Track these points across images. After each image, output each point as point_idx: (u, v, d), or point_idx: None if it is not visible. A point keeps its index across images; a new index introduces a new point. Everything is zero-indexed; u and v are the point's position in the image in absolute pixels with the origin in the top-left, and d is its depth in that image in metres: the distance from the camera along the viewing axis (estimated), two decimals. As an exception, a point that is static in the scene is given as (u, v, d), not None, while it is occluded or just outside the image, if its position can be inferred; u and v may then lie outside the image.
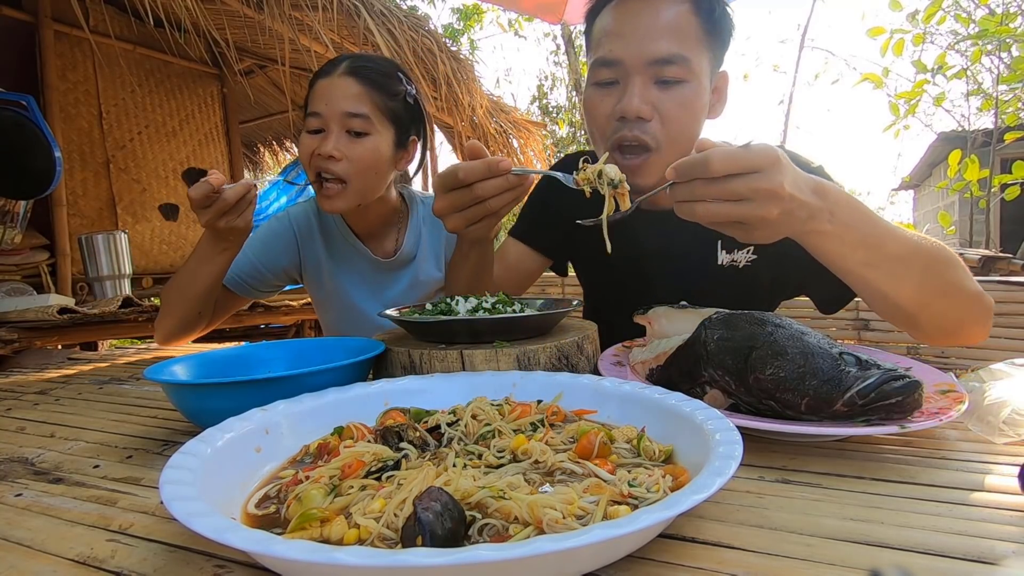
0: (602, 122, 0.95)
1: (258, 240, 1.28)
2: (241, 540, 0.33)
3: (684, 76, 0.90)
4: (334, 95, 1.12)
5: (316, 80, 1.16)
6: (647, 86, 0.90)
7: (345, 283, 1.33)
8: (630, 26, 0.90)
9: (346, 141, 1.12)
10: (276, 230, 1.30)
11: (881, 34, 4.47)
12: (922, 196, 15.35)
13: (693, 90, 0.91)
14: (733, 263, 1.03)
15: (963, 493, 0.48)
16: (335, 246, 1.32)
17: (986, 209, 4.90)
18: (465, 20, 9.67)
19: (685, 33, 0.89)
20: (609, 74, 0.92)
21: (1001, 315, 1.45)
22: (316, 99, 1.13)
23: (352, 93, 1.12)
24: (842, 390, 0.55)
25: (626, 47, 0.89)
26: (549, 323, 0.85)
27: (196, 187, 0.93)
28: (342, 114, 1.11)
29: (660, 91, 0.90)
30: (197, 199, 0.94)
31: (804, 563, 0.39)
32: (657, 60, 0.88)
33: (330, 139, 1.11)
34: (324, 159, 1.10)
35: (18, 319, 1.77)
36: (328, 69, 1.15)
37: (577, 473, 0.47)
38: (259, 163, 5.89)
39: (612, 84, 0.93)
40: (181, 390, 0.70)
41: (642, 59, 0.89)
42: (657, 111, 0.90)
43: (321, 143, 1.11)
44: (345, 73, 1.13)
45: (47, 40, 3.04)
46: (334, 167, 1.11)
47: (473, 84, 3.70)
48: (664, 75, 0.89)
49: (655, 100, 0.90)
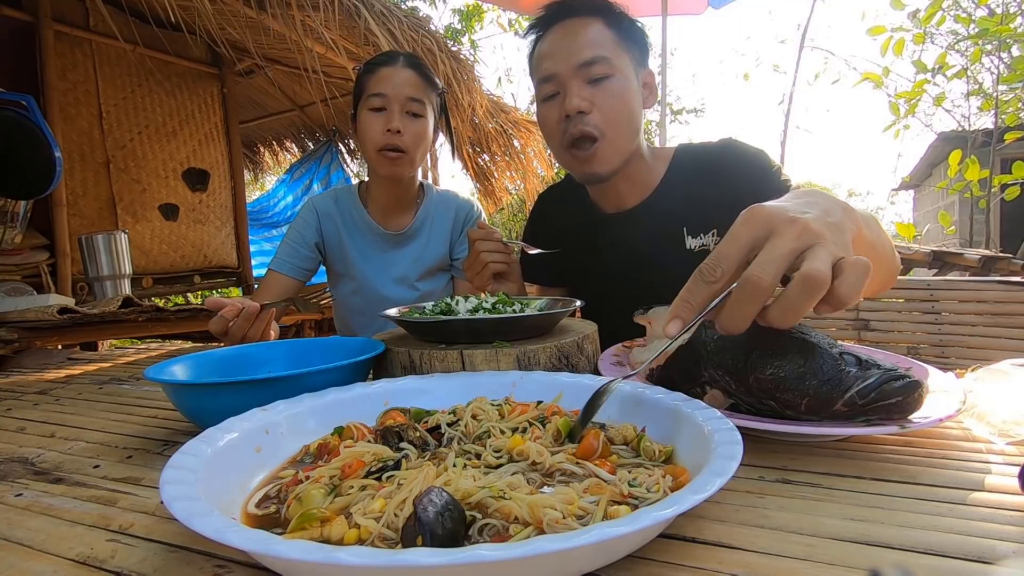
0: (552, 128, 1.12)
1: (294, 229, 1.50)
2: (241, 540, 0.33)
3: (609, 71, 1.07)
4: (398, 81, 1.34)
5: (377, 67, 1.37)
6: (581, 87, 1.07)
7: (357, 255, 1.51)
8: (557, 47, 1.09)
9: (407, 120, 1.35)
10: (304, 215, 1.51)
11: (882, 33, 4.47)
12: (922, 196, 15.35)
13: (620, 83, 1.08)
14: (704, 247, 1.14)
15: (963, 493, 0.48)
16: (351, 223, 1.51)
17: (986, 209, 4.91)
18: (467, 21, 9.66)
19: (602, 40, 1.08)
20: (550, 88, 1.10)
21: (1001, 315, 1.45)
22: (380, 83, 1.34)
23: (412, 81, 1.36)
24: (842, 390, 0.55)
25: (557, 62, 1.08)
26: (549, 323, 0.85)
27: (213, 322, 1.05)
28: (406, 98, 1.34)
29: (593, 88, 1.07)
30: (215, 332, 1.06)
31: (804, 563, 0.39)
32: (583, 63, 1.06)
33: (395, 117, 1.33)
34: (394, 134, 1.33)
35: (18, 319, 1.76)
36: (389, 60, 1.38)
37: (577, 474, 0.47)
38: (259, 163, 5.89)
39: (555, 96, 1.10)
40: (181, 390, 0.70)
41: (572, 66, 1.07)
42: (594, 104, 1.07)
43: (389, 120, 1.33)
44: (405, 65, 1.37)
45: (47, 40, 3.04)
46: (399, 140, 1.34)
47: (473, 84, 3.69)
48: (592, 74, 1.06)
49: (590, 96, 1.07)
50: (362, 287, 1.53)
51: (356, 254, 1.51)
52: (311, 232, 1.49)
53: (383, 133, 1.33)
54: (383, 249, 1.52)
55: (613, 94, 1.07)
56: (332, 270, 1.58)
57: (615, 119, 1.08)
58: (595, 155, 1.09)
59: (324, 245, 1.52)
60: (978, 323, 1.48)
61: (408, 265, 1.53)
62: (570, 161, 1.13)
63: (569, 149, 1.10)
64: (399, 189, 1.47)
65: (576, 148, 1.09)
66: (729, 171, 1.12)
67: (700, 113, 14.81)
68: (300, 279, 1.49)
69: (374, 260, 1.52)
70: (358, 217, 1.50)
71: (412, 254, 1.54)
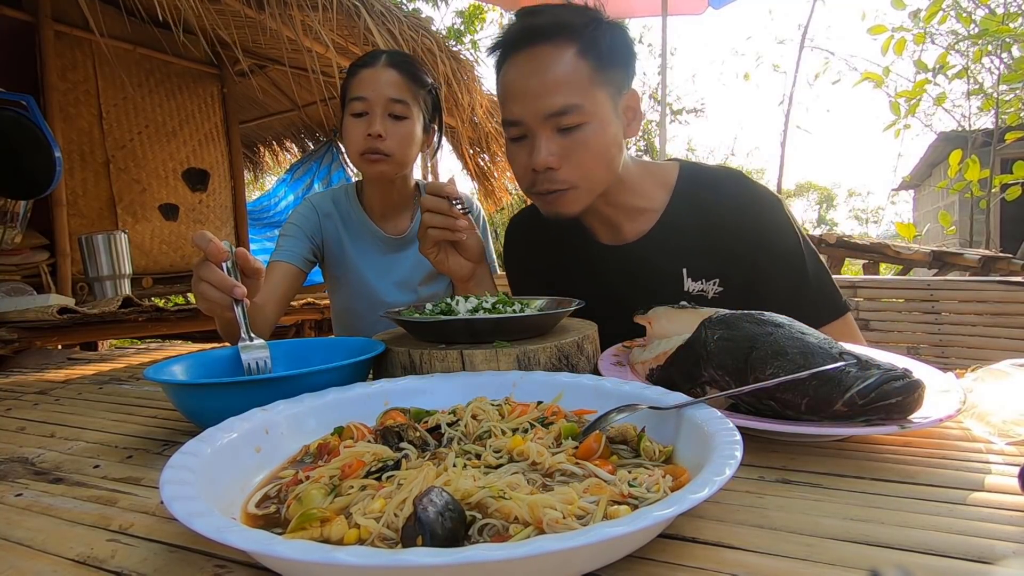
0: (521, 175, 1.02)
1: (292, 224, 1.46)
2: (241, 540, 0.34)
3: (581, 120, 0.94)
4: (379, 83, 1.29)
5: (359, 69, 1.32)
6: (551, 138, 0.95)
7: (357, 258, 1.48)
8: (522, 86, 0.95)
9: (390, 123, 1.30)
10: (303, 212, 1.47)
11: (882, 32, 4.47)
12: (922, 196, 15.35)
13: (594, 129, 0.95)
14: (702, 292, 1.06)
15: (963, 493, 0.48)
16: (351, 224, 1.48)
17: (986, 209, 4.91)
18: (468, 23, 9.67)
19: (575, 81, 0.93)
20: (516, 131, 0.99)
21: (1001, 315, 1.45)
22: (360, 85, 1.30)
23: (394, 82, 1.30)
24: (842, 390, 0.55)
25: (523, 107, 0.95)
26: (549, 323, 0.85)
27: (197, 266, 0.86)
28: (386, 100, 1.29)
29: (563, 138, 0.95)
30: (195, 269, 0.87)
31: (804, 563, 0.39)
32: (552, 113, 0.93)
33: (376, 121, 1.28)
34: (374, 139, 1.28)
35: (18, 319, 1.76)
36: (370, 60, 1.32)
37: (577, 474, 0.47)
38: (259, 163, 5.89)
39: (522, 139, 0.99)
40: (181, 390, 0.70)
41: (539, 116, 0.94)
42: (563, 158, 0.96)
43: (370, 125, 1.28)
44: (387, 64, 1.31)
45: (47, 40, 3.04)
46: (381, 145, 1.29)
47: (473, 84, 3.69)
48: (562, 124, 0.94)
49: (559, 149, 0.95)
50: (362, 292, 1.49)
51: (356, 256, 1.48)
52: (311, 227, 1.46)
53: (364, 138, 1.29)
54: (383, 252, 1.49)
55: (586, 144, 0.95)
56: (330, 274, 1.54)
57: (587, 170, 0.97)
58: (564, 200, 1.00)
59: (324, 246, 1.48)
60: (978, 323, 1.48)
61: (409, 269, 1.49)
62: (536, 200, 1.04)
63: (535, 194, 1.02)
64: (391, 191, 1.44)
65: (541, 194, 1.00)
66: (739, 214, 1.03)
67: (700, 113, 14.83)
68: (303, 268, 1.44)
69: (374, 263, 1.49)
70: (357, 219, 1.48)
71: (413, 258, 1.50)
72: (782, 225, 1.04)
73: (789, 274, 1.02)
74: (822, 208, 28.61)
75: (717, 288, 1.05)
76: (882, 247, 3.58)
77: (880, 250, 3.57)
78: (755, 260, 1.02)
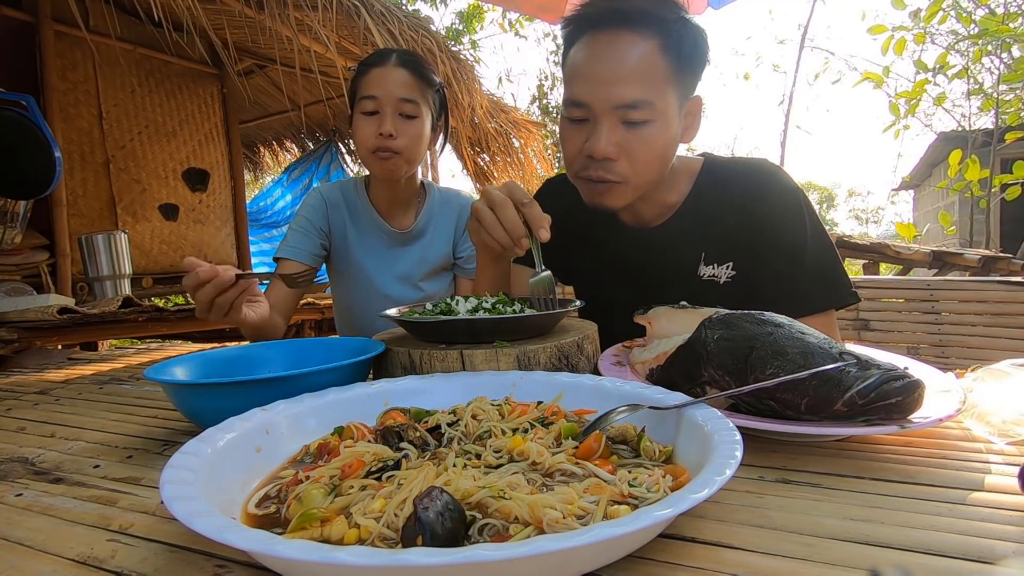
0: (572, 156, 1.00)
1: (301, 216, 1.46)
2: (241, 540, 0.33)
3: (650, 117, 0.93)
4: (389, 82, 1.30)
5: (369, 68, 1.33)
6: (614, 128, 0.93)
7: (361, 249, 1.49)
8: (598, 69, 0.93)
9: (400, 122, 1.32)
10: (310, 203, 1.48)
11: (883, 32, 4.47)
12: (922, 196, 15.35)
13: (659, 128, 0.94)
14: (714, 278, 1.07)
15: (963, 493, 0.48)
16: (358, 217, 1.49)
17: (986, 209, 4.91)
18: (467, 23, 9.67)
19: (651, 76, 0.91)
20: (579, 113, 0.96)
21: (1001, 315, 1.45)
22: (371, 84, 1.31)
23: (405, 81, 1.31)
24: (842, 390, 0.55)
25: (593, 91, 0.93)
26: (549, 323, 0.85)
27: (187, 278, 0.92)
28: (398, 99, 1.30)
29: (627, 131, 0.93)
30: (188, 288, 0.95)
31: (804, 563, 0.39)
32: (622, 105, 0.91)
33: (387, 120, 1.30)
34: (386, 138, 1.30)
35: (18, 319, 1.76)
36: (380, 60, 1.33)
37: (577, 474, 0.47)
38: (259, 163, 5.89)
39: (583, 121, 0.96)
40: (181, 390, 0.70)
41: (609, 104, 0.92)
42: (624, 150, 0.94)
43: (381, 124, 1.30)
44: (398, 64, 1.32)
45: (47, 40, 3.04)
46: (392, 143, 1.30)
47: (473, 84, 3.69)
48: (630, 117, 0.92)
49: (621, 140, 0.94)
50: (364, 285, 1.51)
51: (360, 248, 1.49)
52: (320, 217, 1.46)
53: (375, 137, 1.31)
54: (387, 246, 1.51)
55: (647, 142, 0.94)
56: (334, 269, 1.56)
57: (643, 167, 0.96)
58: (612, 193, 0.98)
59: (331, 236, 1.49)
60: (978, 323, 1.48)
61: (412, 264, 1.52)
62: (582, 187, 1.02)
63: (583, 179, 1.00)
64: (397, 188, 1.46)
65: (591, 180, 0.98)
66: (759, 200, 1.03)
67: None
68: (313, 265, 1.42)
69: (378, 257, 1.50)
70: (364, 212, 1.49)
71: (417, 253, 1.52)
72: (800, 212, 1.03)
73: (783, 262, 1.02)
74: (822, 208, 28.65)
75: (730, 273, 1.06)
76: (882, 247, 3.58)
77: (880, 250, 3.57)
78: (753, 245, 1.03)
